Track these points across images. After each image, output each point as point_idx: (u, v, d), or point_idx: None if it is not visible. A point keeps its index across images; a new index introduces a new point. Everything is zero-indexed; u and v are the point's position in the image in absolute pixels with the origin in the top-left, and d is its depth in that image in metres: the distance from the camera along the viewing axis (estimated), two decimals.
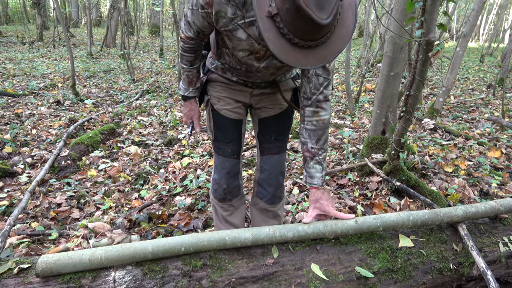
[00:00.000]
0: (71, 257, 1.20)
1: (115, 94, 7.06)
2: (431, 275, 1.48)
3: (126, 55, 8.40)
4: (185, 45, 1.54)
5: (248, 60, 1.48)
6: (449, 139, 4.37)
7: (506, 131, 4.67)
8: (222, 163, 1.75)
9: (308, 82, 1.45)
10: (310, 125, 1.48)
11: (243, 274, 1.30)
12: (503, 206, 1.66)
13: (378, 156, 3.21)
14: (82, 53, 11.43)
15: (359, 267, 1.39)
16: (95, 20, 19.24)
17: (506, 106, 6.06)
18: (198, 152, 3.98)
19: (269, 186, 1.82)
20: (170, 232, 2.44)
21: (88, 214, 2.72)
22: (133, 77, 8.38)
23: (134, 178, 3.34)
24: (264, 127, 1.79)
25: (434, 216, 1.54)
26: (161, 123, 5.18)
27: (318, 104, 1.46)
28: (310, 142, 1.49)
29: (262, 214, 1.90)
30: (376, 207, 2.68)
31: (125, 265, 1.26)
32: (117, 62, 10.49)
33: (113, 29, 13.28)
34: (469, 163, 3.55)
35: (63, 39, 13.40)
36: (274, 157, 1.79)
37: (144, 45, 14.88)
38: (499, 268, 1.57)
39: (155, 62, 10.89)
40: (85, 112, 5.61)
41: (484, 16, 24.10)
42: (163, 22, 19.33)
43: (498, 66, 11.27)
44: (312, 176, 1.51)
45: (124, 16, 9.12)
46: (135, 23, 16.67)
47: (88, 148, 3.92)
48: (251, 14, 1.29)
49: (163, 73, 9.33)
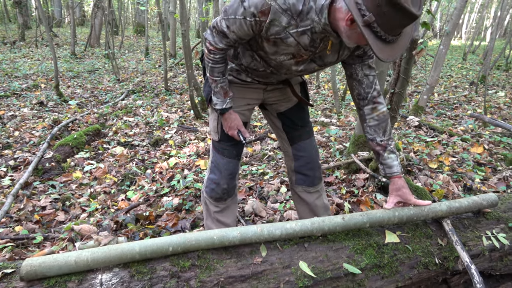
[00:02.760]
0: (56, 260, 1.18)
1: (100, 95, 6.97)
2: (417, 270, 1.50)
3: (111, 55, 8.30)
4: (215, 56, 1.50)
5: (287, 63, 1.51)
6: (433, 136, 4.45)
7: (488, 127, 4.78)
8: (226, 164, 1.77)
9: (360, 84, 1.55)
10: (373, 121, 1.57)
11: (232, 274, 1.30)
12: (485, 201, 1.69)
13: (365, 153, 3.24)
14: (66, 53, 11.24)
15: (347, 263, 1.40)
16: (79, 19, 18.92)
17: (488, 103, 6.19)
18: (185, 152, 3.96)
19: (310, 170, 1.88)
20: (157, 233, 2.42)
21: (74, 217, 2.68)
22: (118, 77, 8.29)
23: (121, 179, 3.30)
24: (288, 119, 1.85)
25: (419, 212, 1.56)
26: (147, 124, 5.14)
27: (375, 100, 1.56)
28: (377, 136, 1.57)
29: (305, 198, 1.95)
30: (363, 204, 2.71)
31: (112, 267, 1.24)
32: (102, 62, 10.35)
33: (97, 28, 13.09)
34: (453, 159, 3.61)
35: (46, 38, 13.16)
36: (307, 142, 1.87)
37: (129, 44, 14.72)
38: (483, 261, 1.60)
39: (140, 62, 10.78)
40: (69, 113, 5.52)
41: (467, 15, 24.55)
42: (148, 22, 19.16)
43: (480, 64, 11.51)
44: (390, 166, 1.57)
45: (108, 15, 9.01)
46: (119, 22, 16.46)
47: (73, 149, 3.86)
48: (306, 23, 1.33)
49: (149, 73, 9.25)
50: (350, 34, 1.26)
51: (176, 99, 6.72)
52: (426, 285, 1.60)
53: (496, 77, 9.18)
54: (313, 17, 1.30)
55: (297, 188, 1.94)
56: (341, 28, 1.26)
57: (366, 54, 1.53)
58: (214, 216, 1.87)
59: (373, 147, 1.60)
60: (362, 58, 1.54)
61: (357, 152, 3.31)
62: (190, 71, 5.25)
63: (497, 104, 6.37)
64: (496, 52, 11.62)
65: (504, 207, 1.81)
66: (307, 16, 1.30)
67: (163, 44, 7.09)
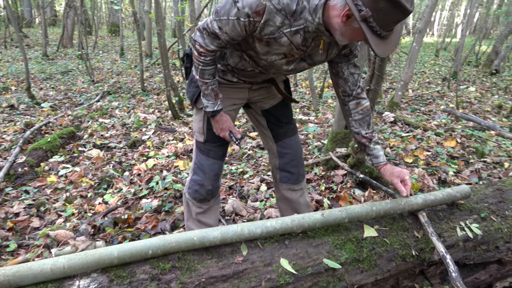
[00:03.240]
0: (31, 268, 1.14)
1: (74, 96, 6.80)
2: (395, 263, 1.53)
3: (85, 56, 8.11)
4: (206, 58, 1.49)
5: (278, 62, 1.51)
6: (408, 131, 4.55)
7: (461, 122, 4.93)
8: (212, 165, 1.77)
9: (346, 81, 1.61)
10: (358, 115, 1.65)
11: (213, 274, 1.29)
12: (459, 193, 1.74)
13: (342, 150, 3.28)
14: (37, 54, 10.89)
15: (327, 259, 1.42)
16: (50, 20, 18.36)
17: (460, 98, 6.38)
18: (164, 153, 3.91)
19: (294, 167, 1.91)
20: (137, 236, 2.39)
21: (49, 222, 2.61)
22: (92, 78, 8.10)
23: (97, 183, 3.23)
24: (272, 116, 1.86)
25: (396, 206, 1.60)
26: (124, 125, 5.05)
27: (358, 96, 1.64)
28: (362, 130, 1.66)
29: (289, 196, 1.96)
30: (342, 200, 2.75)
31: (90, 272, 1.22)
32: (75, 63, 10.09)
33: (69, 28, 12.75)
34: (428, 153, 3.71)
35: (16, 39, 12.73)
36: (292, 139, 1.90)
37: (103, 45, 14.41)
38: (458, 251, 1.65)
39: (115, 62, 10.57)
40: (42, 116, 5.36)
41: (438, 12, 25.22)
42: (123, 21, 18.80)
43: (451, 60, 11.85)
44: (377, 156, 1.66)
45: (81, 14, 8.79)
46: (93, 22, 16.08)
47: (47, 153, 3.75)
48: (299, 23, 1.34)
49: (125, 73, 9.08)
50: (344, 31, 1.28)
51: (153, 100, 6.63)
52: (404, 277, 1.64)
53: (467, 73, 9.48)
54: (306, 16, 1.32)
55: (282, 186, 1.96)
56: (335, 26, 1.28)
57: (352, 53, 1.57)
58: (196, 217, 1.86)
59: (359, 140, 1.67)
60: (349, 57, 1.58)
61: (335, 148, 3.35)
62: (167, 71, 5.18)
63: (468, 99, 6.57)
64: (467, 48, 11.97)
65: (476, 198, 1.87)
66: (301, 16, 1.32)
67: (139, 44, 6.97)
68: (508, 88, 7.46)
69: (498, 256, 1.73)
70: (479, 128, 4.59)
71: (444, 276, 1.73)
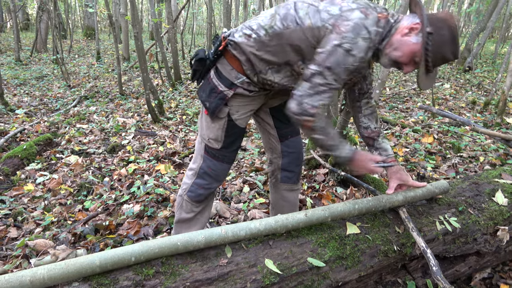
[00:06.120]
0: (9, 281, 1.11)
1: (50, 102, 6.64)
2: (377, 258, 1.56)
3: (60, 60, 7.92)
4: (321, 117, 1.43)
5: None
6: (387, 129, 4.64)
7: (437, 118, 5.05)
8: (226, 169, 1.81)
9: (365, 80, 1.69)
10: (368, 111, 1.75)
11: (198, 277, 1.28)
12: (437, 188, 1.79)
13: None
14: (10, 59, 10.59)
15: (311, 257, 1.43)
16: (23, 24, 17.87)
17: (435, 95, 6.54)
18: (144, 157, 3.86)
19: (296, 166, 1.96)
20: (119, 242, 2.35)
21: (28, 232, 2.54)
22: (68, 83, 7.93)
23: (77, 190, 3.16)
24: (281, 113, 1.85)
25: (377, 203, 1.62)
26: (102, 130, 4.96)
27: (369, 94, 1.74)
28: (371, 124, 1.75)
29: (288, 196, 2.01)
30: (324, 198, 2.77)
31: (71, 282, 1.19)
32: (50, 67, 9.85)
33: (43, 32, 12.44)
34: (406, 149, 3.79)
35: None
36: (297, 138, 1.94)
37: (79, 48, 14.12)
38: (437, 245, 1.69)
39: (92, 66, 10.37)
40: (16, 123, 5.21)
41: None
42: (99, 24, 18.48)
43: None
44: (386, 149, 1.73)
45: (54, 18, 8.57)
46: (67, 26, 15.75)
47: (23, 161, 3.65)
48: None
49: (102, 78, 8.92)
50: (399, 45, 1.40)
51: (132, 103, 6.54)
52: (387, 272, 1.67)
53: (442, 70, 9.72)
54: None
55: (282, 186, 1.99)
56: (393, 40, 1.41)
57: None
58: (192, 216, 1.87)
59: (368, 135, 1.75)
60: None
61: (317, 148, 3.38)
62: (145, 74, 5.12)
63: (443, 96, 6.74)
64: None
65: (454, 193, 1.92)
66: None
67: (116, 47, 6.86)
68: (481, 84, 7.69)
69: (477, 248, 1.78)
70: (455, 124, 4.72)
71: (426, 270, 1.77)
